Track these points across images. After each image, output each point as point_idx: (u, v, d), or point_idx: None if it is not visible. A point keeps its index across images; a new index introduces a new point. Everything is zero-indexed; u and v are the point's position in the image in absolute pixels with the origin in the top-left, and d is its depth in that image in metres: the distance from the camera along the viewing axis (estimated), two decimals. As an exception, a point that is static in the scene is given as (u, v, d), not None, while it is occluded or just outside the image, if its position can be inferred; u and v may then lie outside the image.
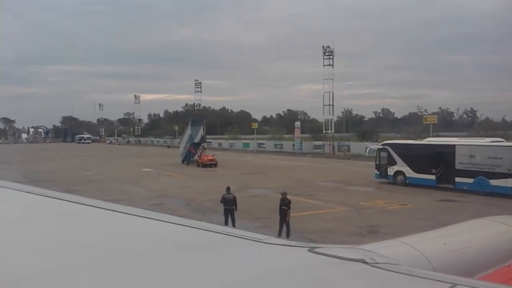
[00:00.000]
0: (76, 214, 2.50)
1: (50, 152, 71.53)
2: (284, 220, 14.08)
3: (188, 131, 44.58)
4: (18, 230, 2.09)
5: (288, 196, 14.68)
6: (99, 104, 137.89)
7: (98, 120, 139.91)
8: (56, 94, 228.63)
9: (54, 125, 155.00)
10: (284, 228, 14.05)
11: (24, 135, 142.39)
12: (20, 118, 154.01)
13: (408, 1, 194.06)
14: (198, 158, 41.17)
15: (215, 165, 39.61)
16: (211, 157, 40.60)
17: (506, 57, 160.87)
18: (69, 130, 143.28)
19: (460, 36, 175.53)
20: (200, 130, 44.49)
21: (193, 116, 57.33)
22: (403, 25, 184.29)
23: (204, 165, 39.19)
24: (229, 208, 15.26)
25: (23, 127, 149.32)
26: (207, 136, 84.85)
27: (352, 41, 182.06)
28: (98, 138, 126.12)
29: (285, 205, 14.22)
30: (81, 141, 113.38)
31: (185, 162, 42.94)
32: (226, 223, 14.69)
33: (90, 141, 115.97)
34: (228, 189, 15.94)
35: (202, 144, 44.07)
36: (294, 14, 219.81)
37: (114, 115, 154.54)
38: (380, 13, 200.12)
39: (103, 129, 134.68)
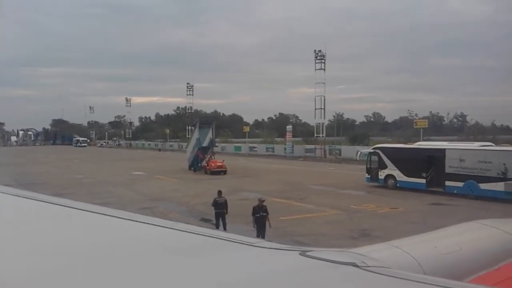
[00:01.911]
0: (66, 217, 2.48)
1: (40, 155, 70.96)
2: (264, 228, 13.65)
3: (196, 134, 40.96)
4: (6, 234, 2.07)
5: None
6: (90, 106, 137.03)
7: (88, 123, 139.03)
8: (46, 96, 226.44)
9: (44, 128, 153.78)
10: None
11: (13, 138, 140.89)
12: (9, 121, 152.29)
13: (400, 5, 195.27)
14: (205, 164, 37.50)
15: (224, 172, 35.98)
16: (220, 163, 36.73)
17: (497, 61, 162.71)
18: (59, 133, 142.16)
19: (451, 40, 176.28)
20: (208, 133, 40.72)
21: (201, 118, 52.72)
22: (395, 29, 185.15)
23: (212, 172, 35.61)
24: (220, 212, 15.25)
25: (13, 130, 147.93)
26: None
27: (344, 45, 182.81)
28: (88, 141, 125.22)
29: (264, 211, 13.85)
30: (78, 144, 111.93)
31: (192, 168, 39.32)
32: (217, 227, 14.67)
33: (85, 144, 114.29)
34: (219, 192, 15.95)
35: (211, 149, 40.06)
36: (288, 17, 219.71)
37: (104, 118, 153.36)
38: (372, 17, 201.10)
39: (94, 132, 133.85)
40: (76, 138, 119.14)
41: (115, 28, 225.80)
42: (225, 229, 14.24)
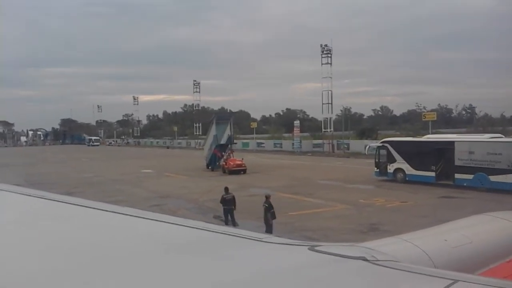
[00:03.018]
0: (76, 216, 2.50)
1: (50, 155, 71.51)
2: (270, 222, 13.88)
3: (213, 131, 38.03)
4: (17, 233, 2.09)
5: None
6: (98, 106, 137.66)
7: (97, 122, 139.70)
8: (55, 96, 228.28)
9: (53, 128, 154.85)
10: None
11: (23, 138, 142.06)
12: (19, 121, 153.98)
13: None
14: (224, 163, 35.00)
15: (244, 171, 33.53)
16: (239, 162, 34.11)
17: (504, 53, 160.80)
18: (68, 133, 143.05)
19: (458, 33, 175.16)
20: (226, 130, 37.66)
21: (218, 113, 45.24)
22: (401, 22, 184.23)
23: (231, 172, 33.09)
24: (228, 208, 15.31)
25: (22, 130, 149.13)
26: (205, 137, 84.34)
27: (350, 39, 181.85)
28: (101, 140, 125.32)
29: (272, 208, 14.04)
30: (90, 144, 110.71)
31: (210, 167, 36.93)
32: (226, 223, 14.72)
33: (98, 143, 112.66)
34: (226, 189, 15.99)
35: (229, 146, 37.45)
36: (292, 12, 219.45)
37: (113, 117, 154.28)
38: (377, 10, 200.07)
39: (102, 131, 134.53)
40: (89, 137, 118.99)
41: (119, 27, 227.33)
42: (234, 225, 14.28)
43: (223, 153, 36.34)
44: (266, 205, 13.99)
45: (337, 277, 1.55)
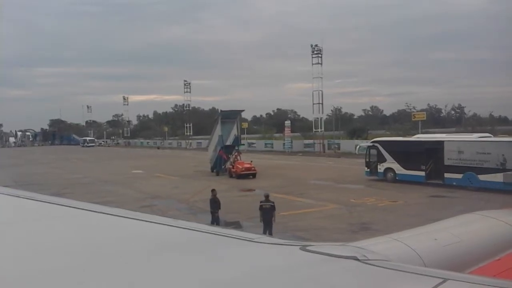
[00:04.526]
0: (66, 217, 2.48)
1: (39, 156, 70.85)
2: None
3: (217, 131, 34.27)
4: (6, 234, 2.07)
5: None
6: (87, 106, 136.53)
7: (86, 122, 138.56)
8: (44, 96, 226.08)
9: (42, 128, 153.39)
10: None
11: (11, 139, 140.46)
12: (7, 122, 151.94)
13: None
14: (231, 166, 31.72)
15: (254, 175, 30.60)
16: (248, 165, 30.94)
17: (493, 53, 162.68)
18: (57, 133, 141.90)
19: (448, 33, 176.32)
20: (233, 129, 34.58)
21: (223, 111, 38.34)
22: (392, 22, 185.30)
23: (239, 176, 29.98)
24: (214, 210, 15.26)
25: (11, 131, 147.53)
26: (196, 137, 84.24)
27: (340, 39, 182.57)
28: (95, 140, 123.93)
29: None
30: (85, 144, 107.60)
31: (215, 170, 33.44)
32: (212, 223, 14.66)
33: (93, 144, 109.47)
34: (212, 190, 15.82)
35: (236, 148, 33.99)
36: (283, 12, 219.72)
37: (102, 117, 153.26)
38: (368, 10, 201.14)
39: (92, 132, 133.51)
40: (83, 138, 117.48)
41: (110, 26, 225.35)
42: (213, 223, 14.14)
43: (229, 155, 32.88)
44: (272, 204, 14.00)
45: (328, 276, 1.55)
